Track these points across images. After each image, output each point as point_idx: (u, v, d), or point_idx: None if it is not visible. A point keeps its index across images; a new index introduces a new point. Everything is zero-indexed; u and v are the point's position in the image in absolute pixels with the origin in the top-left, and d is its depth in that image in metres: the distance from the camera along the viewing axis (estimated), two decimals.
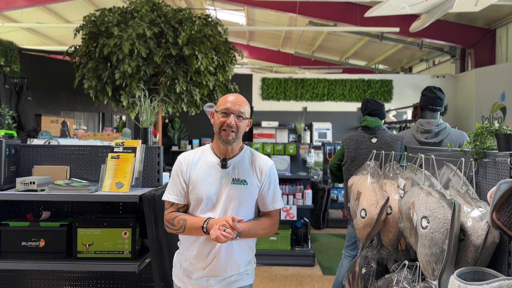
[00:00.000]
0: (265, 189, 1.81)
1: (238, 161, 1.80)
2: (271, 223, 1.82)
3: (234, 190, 1.75)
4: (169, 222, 1.77)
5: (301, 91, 10.20)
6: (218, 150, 1.81)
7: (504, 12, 8.28)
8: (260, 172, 1.81)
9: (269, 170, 1.83)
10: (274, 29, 11.66)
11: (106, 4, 8.26)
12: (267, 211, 1.84)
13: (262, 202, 1.83)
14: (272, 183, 1.84)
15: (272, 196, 1.83)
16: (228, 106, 1.72)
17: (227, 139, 1.72)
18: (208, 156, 1.81)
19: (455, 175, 1.58)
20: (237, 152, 1.82)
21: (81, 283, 2.46)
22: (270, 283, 4.23)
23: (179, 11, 6.65)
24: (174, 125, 10.04)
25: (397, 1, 5.55)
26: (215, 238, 1.58)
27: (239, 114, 1.73)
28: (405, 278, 1.62)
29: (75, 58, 6.79)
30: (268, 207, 1.82)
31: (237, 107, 1.72)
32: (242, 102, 1.76)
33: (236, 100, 1.74)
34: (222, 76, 7.09)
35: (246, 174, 1.78)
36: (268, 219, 1.82)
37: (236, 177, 1.76)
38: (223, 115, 1.72)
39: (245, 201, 1.77)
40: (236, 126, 1.72)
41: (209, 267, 1.74)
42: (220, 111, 1.74)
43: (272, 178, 1.84)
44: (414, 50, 11.67)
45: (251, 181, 1.78)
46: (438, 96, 2.94)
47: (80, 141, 3.38)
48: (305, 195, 4.96)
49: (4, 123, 5.28)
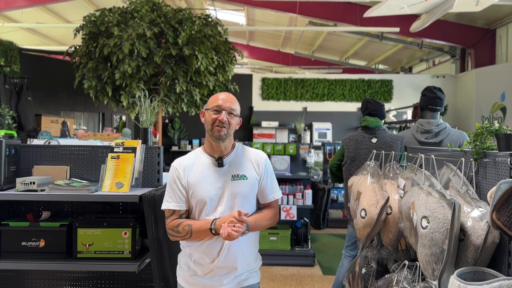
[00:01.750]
0: (264, 181, 1.85)
1: (233, 158, 1.83)
2: (274, 214, 1.88)
3: (235, 186, 1.77)
4: (173, 230, 1.75)
5: (301, 91, 10.20)
6: (211, 150, 1.83)
7: (504, 12, 8.28)
8: (257, 165, 1.85)
9: (265, 162, 1.88)
10: (274, 29, 11.66)
11: (106, 4, 8.26)
12: (267, 202, 1.88)
13: (262, 194, 1.87)
14: (270, 174, 1.89)
15: (271, 187, 1.88)
16: (219, 103, 1.76)
17: (219, 135, 1.74)
18: (202, 158, 1.83)
19: (455, 175, 1.58)
20: (230, 150, 1.84)
21: (81, 283, 2.46)
22: (270, 283, 4.23)
23: (179, 11, 6.65)
24: (174, 125, 10.04)
25: (396, 1, 5.55)
26: (227, 236, 1.59)
27: (230, 111, 1.77)
28: (405, 278, 1.62)
29: (75, 58, 6.79)
30: (269, 198, 1.87)
31: (228, 104, 1.77)
32: (233, 100, 1.81)
33: (226, 98, 1.79)
34: (222, 76, 7.09)
35: (244, 169, 1.81)
36: (270, 210, 1.87)
37: (235, 173, 1.79)
38: (215, 112, 1.75)
39: (248, 195, 1.80)
40: (228, 122, 1.75)
41: (220, 264, 1.74)
42: (211, 108, 1.77)
43: (269, 169, 1.89)
44: (414, 50, 11.67)
45: (250, 175, 1.81)
46: (438, 96, 2.94)
47: (80, 141, 3.38)
48: (305, 195, 4.96)
49: (4, 123, 5.28)
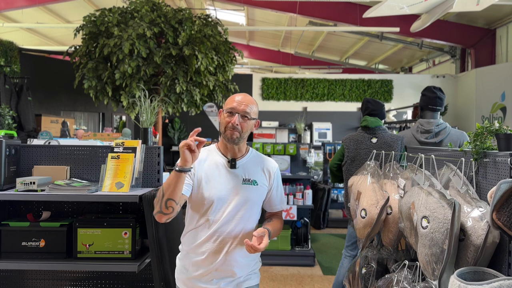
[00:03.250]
0: (274, 191, 1.85)
1: (246, 162, 1.80)
2: (281, 223, 1.90)
3: (245, 191, 1.74)
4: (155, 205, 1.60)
5: (301, 91, 10.20)
6: (225, 150, 1.79)
7: (504, 12, 8.28)
8: (268, 174, 1.83)
9: (276, 172, 1.86)
10: (274, 29, 11.66)
11: (106, 4, 8.27)
12: (274, 212, 1.89)
13: (270, 204, 1.87)
14: (279, 185, 1.89)
15: (280, 198, 1.89)
16: (234, 105, 1.70)
17: (232, 138, 1.70)
18: (216, 156, 1.79)
19: (455, 175, 1.58)
20: (244, 153, 1.81)
21: (81, 283, 2.46)
22: (270, 283, 4.23)
23: (179, 11, 6.65)
24: (174, 125, 10.04)
25: (395, 1, 5.54)
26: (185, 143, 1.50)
27: (244, 114, 1.70)
28: (405, 278, 1.62)
29: (75, 58, 6.79)
30: (277, 207, 1.88)
31: (242, 107, 1.70)
32: (249, 102, 1.73)
33: (242, 100, 1.72)
34: (222, 76, 7.08)
35: (255, 175, 1.78)
36: (279, 219, 1.89)
37: (247, 178, 1.76)
38: (228, 115, 1.70)
39: (256, 201, 1.78)
40: (241, 126, 1.69)
41: (218, 267, 1.71)
42: (226, 110, 1.72)
43: (279, 180, 1.88)
44: (414, 50, 11.67)
45: (260, 182, 1.78)
46: (438, 96, 2.94)
47: (80, 141, 3.37)
48: (305, 195, 4.96)
49: (4, 123, 5.28)
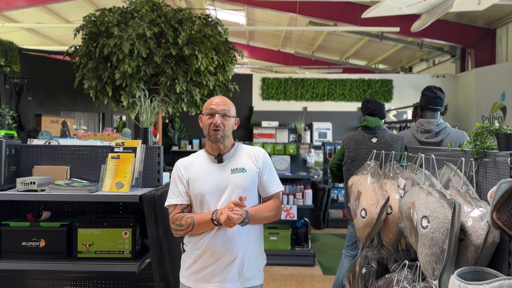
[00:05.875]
0: (263, 174, 1.89)
1: (232, 155, 1.90)
2: (276, 205, 1.89)
3: (235, 178, 1.82)
4: (175, 224, 1.78)
5: (301, 91, 10.20)
6: (211, 150, 1.90)
7: (504, 12, 8.28)
8: (255, 159, 1.90)
9: (264, 156, 1.93)
10: (274, 29, 11.66)
11: (106, 4, 8.26)
12: (269, 195, 1.91)
13: (262, 187, 1.90)
14: (269, 167, 1.93)
15: (271, 180, 1.91)
16: (212, 107, 1.83)
17: (216, 138, 1.82)
18: (203, 157, 1.92)
19: (455, 174, 1.58)
20: (229, 148, 1.91)
21: (81, 283, 2.46)
22: (271, 283, 4.23)
23: (179, 11, 6.65)
24: (174, 125, 10.04)
25: (394, 1, 5.53)
26: (226, 219, 1.61)
27: (224, 113, 1.82)
28: (405, 278, 1.62)
29: (75, 58, 6.79)
30: (269, 190, 1.90)
31: (221, 106, 1.83)
32: (226, 102, 1.86)
33: (220, 101, 1.85)
34: (222, 76, 7.09)
35: (243, 163, 1.87)
36: (272, 201, 1.90)
37: (234, 167, 1.85)
38: (209, 117, 1.83)
39: (248, 188, 1.83)
40: (223, 125, 1.81)
41: (223, 260, 1.75)
42: (206, 113, 1.84)
43: (268, 163, 1.94)
44: (414, 50, 11.67)
45: (249, 168, 1.86)
46: (438, 95, 2.94)
47: (80, 141, 3.37)
48: (305, 195, 4.96)
49: (4, 123, 5.28)
